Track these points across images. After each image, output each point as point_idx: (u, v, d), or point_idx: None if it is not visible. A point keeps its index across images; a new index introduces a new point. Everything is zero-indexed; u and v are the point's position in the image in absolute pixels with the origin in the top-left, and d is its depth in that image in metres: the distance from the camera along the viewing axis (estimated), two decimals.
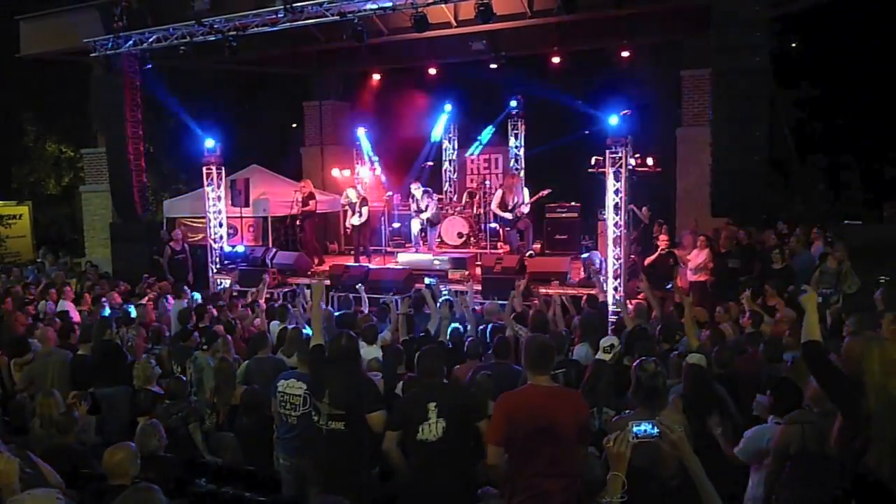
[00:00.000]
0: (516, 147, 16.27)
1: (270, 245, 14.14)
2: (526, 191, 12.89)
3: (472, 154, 16.36)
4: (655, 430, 2.50)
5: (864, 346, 3.29)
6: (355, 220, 12.95)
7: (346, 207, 13.41)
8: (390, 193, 15.02)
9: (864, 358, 3.24)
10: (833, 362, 3.54)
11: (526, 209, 12.66)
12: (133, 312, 9.01)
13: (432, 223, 13.56)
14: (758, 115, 9.79)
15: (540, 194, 13.03)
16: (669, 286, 10.30)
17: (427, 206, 13.35)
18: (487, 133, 15.85)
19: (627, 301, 9.36)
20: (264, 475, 4.97)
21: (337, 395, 4.11)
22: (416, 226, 13.79)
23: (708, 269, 10.32)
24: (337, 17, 11.32)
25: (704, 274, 10.36)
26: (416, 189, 13.48)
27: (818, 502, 3.48)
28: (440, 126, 15.95)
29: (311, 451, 4.40)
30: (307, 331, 6.64)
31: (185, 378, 6.28)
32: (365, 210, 12.87)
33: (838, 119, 18.51)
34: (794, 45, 17.89)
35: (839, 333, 5.91)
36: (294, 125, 20.29)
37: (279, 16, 11.60)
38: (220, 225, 13.93)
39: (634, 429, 2.51)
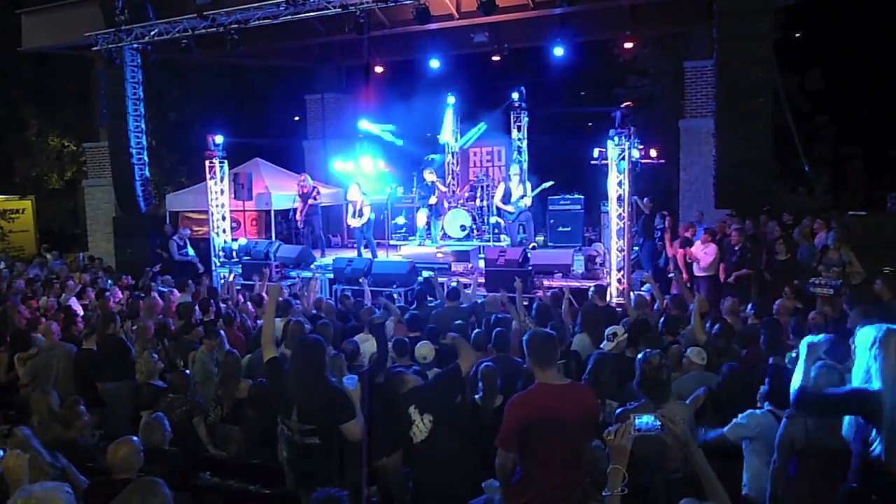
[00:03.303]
0: (519, 139, 16.21)
1: (273, 238, 14.15)
2: (528, 184, 12.87)
3: (463, 146, 16.24)
4: (657, 422, 2.48)
5: (881, 338, 3.11)
6: (355, 222, 12.94)
7: (349, 205, 13.40)
8: (393, 185, 15.00)
9: (880, 350, 3.09)
10: (831, 396, 3.31)
11: (528, 202, 12.63)
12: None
13: (437, 213, 13.55)
14: (761, 106, 9.75)
15: (542, 186, 13.00)
16: (671, 275, 10.27)
17: (435, 193, 13.35)
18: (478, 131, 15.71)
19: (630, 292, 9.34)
20: (268, 468, 4.98)
21: (306, 411, 3.91)
22: (421, 218, 13.75)
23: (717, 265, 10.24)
24: (339, 10, 11.30)
25: (713, 269, 10.28)
26: (429, 174, 13.45)
27: (826, 496, 3.43)
28: (448, 125, 15.73)
29: (289, 460, 4.27)
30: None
31: (188, 372, 6.29)
32: (367, 210, 12.82)
33: (842, 109, 18.45)
34: (797, 35, 17.79)
35: (844, 324, 5.86)
36: (296, 118, 20.28)
37: (281, 9, 11.58)
38: (223, 218, 13.93)
39: (636, 422, 2.49)
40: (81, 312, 9.10)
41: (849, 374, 3.37)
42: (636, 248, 11.96)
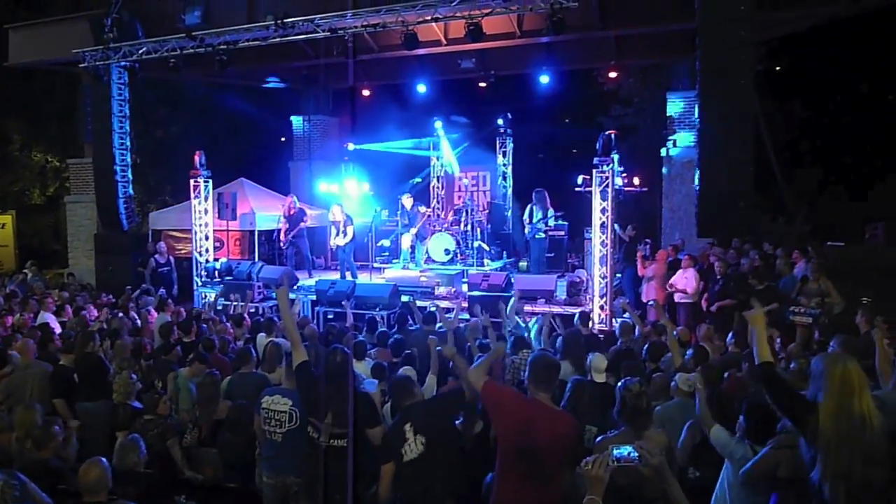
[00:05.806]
0: (504, 164, 16.32)
1: (257, 259, 14.08)
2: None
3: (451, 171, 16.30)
4: (636, 453, 2.49)
5: (828, 364, 3.16)
6: (339, 241, 12.94)
7: (332, 226, 13.40)
8: (378, 209, 15.01)
9: (825, 376, 3.12)
10: (787, 382, 3.44)
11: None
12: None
13: (421, 237, 13.56)
14: (743, 137, 9.89)
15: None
16: (651, 302, 10.30)
17: (416, 217, 13.36)
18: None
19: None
20: (245, 491, 4.91)
21: (339, 415, 4.08)
22: (406, 241, 13.75)
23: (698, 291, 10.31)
24: (327, 34, 11.36)
25: (695, 296, 10.35)
26: (407, 199, 13.46)
27: None
28: (447, 150, 15.69)
29: (306, 466, 4.31)
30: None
31: (165, 393, 6.19)
32: (350, 230, 12.83)
33: (822, 140, 18.76)
34: (777, 68, 18.15)
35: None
36: (283, 139, 20.31)
37: (270, 31, 11.62)
38: (206, 238, 13.86)
39: (615, 452, 2.49)
40: (59, 330, 8.96)
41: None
42: (618, 276, 12.02)
